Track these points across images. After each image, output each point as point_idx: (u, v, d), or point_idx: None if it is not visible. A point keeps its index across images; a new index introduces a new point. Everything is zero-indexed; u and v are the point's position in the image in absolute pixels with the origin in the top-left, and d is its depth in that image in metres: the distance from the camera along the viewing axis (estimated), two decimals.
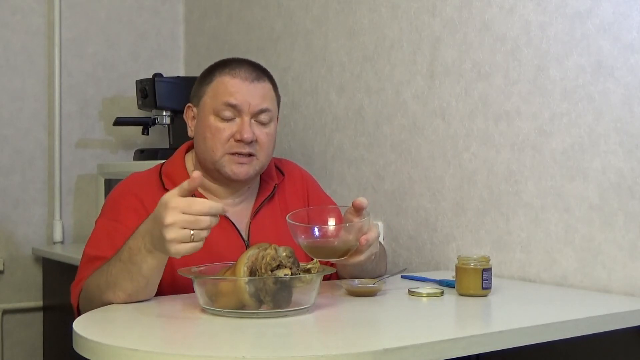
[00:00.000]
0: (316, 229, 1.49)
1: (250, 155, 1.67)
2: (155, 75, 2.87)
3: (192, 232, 1.32)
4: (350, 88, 2.38)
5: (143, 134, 2.94)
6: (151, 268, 1.41)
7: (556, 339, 1.35)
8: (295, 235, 1.48)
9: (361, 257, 1.50)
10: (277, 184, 1.81)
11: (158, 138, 3.16)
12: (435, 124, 2.09)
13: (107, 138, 3.16)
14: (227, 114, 1.66)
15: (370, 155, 2.30)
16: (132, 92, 3.07)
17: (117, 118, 2.90)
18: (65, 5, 3.05)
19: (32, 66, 3.01)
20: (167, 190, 1.68)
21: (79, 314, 1.51)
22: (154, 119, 2.89)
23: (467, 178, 2.00)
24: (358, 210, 1.49)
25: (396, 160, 2.21)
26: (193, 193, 1.38)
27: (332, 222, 1.55)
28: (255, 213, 1.75)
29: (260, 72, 1.72)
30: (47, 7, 3.03)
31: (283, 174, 1.85)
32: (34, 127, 3.01)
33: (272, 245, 1.36)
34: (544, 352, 1.39)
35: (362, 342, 1.23)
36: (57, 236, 3.01)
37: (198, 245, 1.35)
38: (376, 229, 1.52)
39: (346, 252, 1.48)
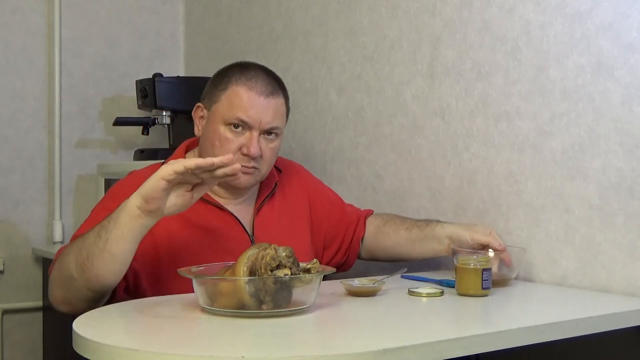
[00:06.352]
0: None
1: (253, 167, 1.72)
2: (155, 75, 2.86)
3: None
4: (350, 88, 2.38)
5: (143, 134, 2.93)
6: (122, 225, 1.43)
7: (556, 339, 1.35)
8: None
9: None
10: (277, 181, 1.87)
11: (158, 138, 3.15)
12: (435, 124, 2.09)
13: (107, 138, 3.16)
14: (238, 126, 1.70)
15: (370, 155, 2.30)
16: (132, 92, 3.07)
17: (117, 118, 2.90)
18: (65, 5, 3.05)
19: (32, 66, 3.00)
20: None
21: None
22: (154, 119, 2.88)
23: (467, 178, 2.00)
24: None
25: (396, 160, 2.21)
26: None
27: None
28: (257, 210, 1.81)
29: (275, 85, 1.75)
30: (47, 7, 3.03)
31: (280, 170, 1.91)
32: (34, 127, 3.00)
33: (272, 245, 1.37)
34: (544, 352, 1.39)
35: (362, 342, 1.23)
36: (57, 236, 3.00)
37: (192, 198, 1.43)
38: (491, 240, 1.76)
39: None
